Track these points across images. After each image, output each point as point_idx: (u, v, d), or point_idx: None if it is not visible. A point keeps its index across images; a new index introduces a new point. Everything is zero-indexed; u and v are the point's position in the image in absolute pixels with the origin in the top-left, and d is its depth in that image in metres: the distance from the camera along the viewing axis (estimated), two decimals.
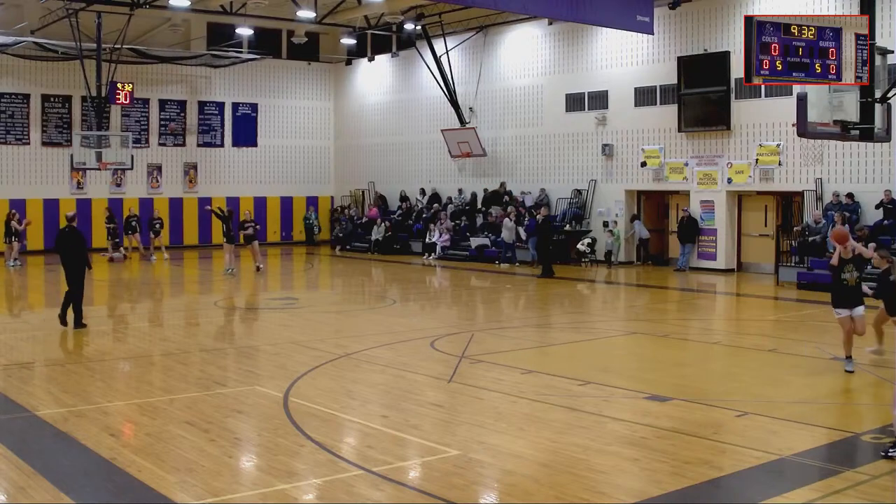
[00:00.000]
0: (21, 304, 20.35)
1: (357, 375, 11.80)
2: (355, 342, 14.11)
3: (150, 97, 33.57)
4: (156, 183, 33.85)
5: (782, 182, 23.43)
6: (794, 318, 17.20)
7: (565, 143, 28.64)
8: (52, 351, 13.96)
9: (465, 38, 31.24)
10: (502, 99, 30.65)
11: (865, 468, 7.67)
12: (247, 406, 10.01)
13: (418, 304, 20.13)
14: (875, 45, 12.12)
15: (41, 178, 31.69)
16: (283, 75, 36.59)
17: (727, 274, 24.30)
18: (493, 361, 12.39)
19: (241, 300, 20.60)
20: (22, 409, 9.79)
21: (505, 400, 10.22)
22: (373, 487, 7.28)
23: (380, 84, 35.68)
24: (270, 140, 36.45)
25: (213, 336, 15.56)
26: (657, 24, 23.28)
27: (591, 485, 7.29)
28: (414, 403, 10.11)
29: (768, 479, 7.57)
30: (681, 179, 25.61)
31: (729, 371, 12.35)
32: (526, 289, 22.09)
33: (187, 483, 7.33)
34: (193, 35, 33.13)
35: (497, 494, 7.35)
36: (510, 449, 8.26)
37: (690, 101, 24.93)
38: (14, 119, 31.30)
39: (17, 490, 7.19)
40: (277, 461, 7.93)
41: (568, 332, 15.99)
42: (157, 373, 12.18)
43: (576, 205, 27.89)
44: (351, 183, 36.94)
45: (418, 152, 33.89)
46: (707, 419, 9.34)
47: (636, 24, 21.32)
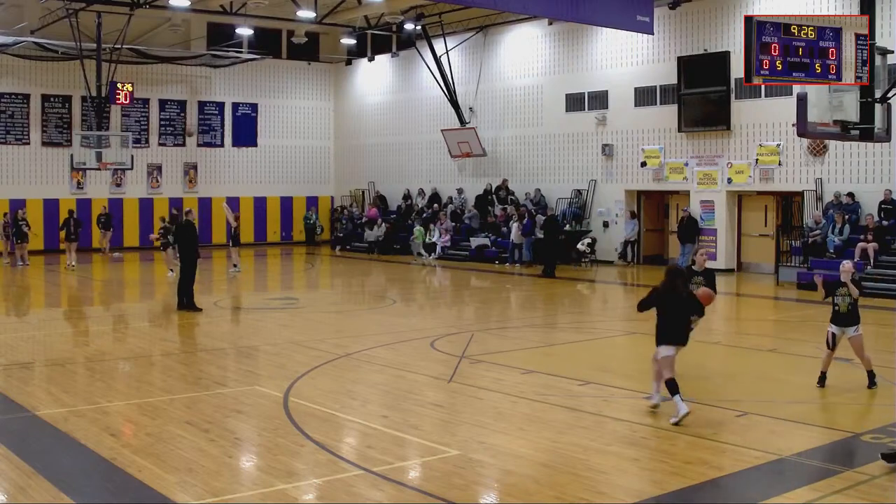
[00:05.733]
0: (21, 303, 20.33)
1: (357, 375, 11.81)
2: (355, 342, 14.11)
3: (150, 97, 33.56)
4: (156, 183, 33.85)
5: (782, 182, 23.43)
6: (794, 318, 17.20)
7: (565, 143, 28.64)
8: (52, 351, 13.96)
9: (465, 38, 31.24)
10: (502, 99, 30.64)
11: (865, 468, 7.67)
12: (247, 406, 10.00)
13: (418, 304, 20.13)
14: (875, 45, 12.11)
15: (41, 178, 31.69)
16: (283, 75, 36.59)
17: (727, 274, 24.28)
18: (493, 361, 12.39)
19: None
20: (22, 409, 9.79)
21: (505, 400, 10.22)
22: (373, 487, 7.28)
23: (380, 84, 35.67)
24: (270, 140, 36.44)
25: (213, 336, 15.55)
26: (657, 24, 23.28)
27: (591, 485, 7.29)
28: (414, 403, 10.11)
29: (768, 479, 7.57)
30: (681, 179, 25.61)
31: (729, 371, 12.35)
32: (526, 289, 22.09)
33: (187, 483, 7.33)
34: (193, 35, 33.12)
35: (497, 494, 7.35)
36: (510, 449, 8.26)
37: (690, 101, 24.93)
38: (14, 119, 31.29)
39: (17, 490, 7.18)
40: (277, 461, 7.93)
41: (568, 332, 16.00)
42: (157, 373, 12.18)
43: (576, 205, 27.89)
44: (351, 183, 36.93)
45: (418, 152, 33.88)
46: (707, 419, 9.34)
47: (636, 24, 21.32)
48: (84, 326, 16.91)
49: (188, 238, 17.57)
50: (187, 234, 17.62)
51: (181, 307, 17.37)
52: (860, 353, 10.56)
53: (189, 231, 17.65)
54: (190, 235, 17.61)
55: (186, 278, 17.39)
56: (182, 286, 17.48)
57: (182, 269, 17.49)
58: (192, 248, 17.45)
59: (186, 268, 17.37)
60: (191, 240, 17.58)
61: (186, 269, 17.37)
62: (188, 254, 17.38)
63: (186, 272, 17.37)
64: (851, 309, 10.47)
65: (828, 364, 10.73)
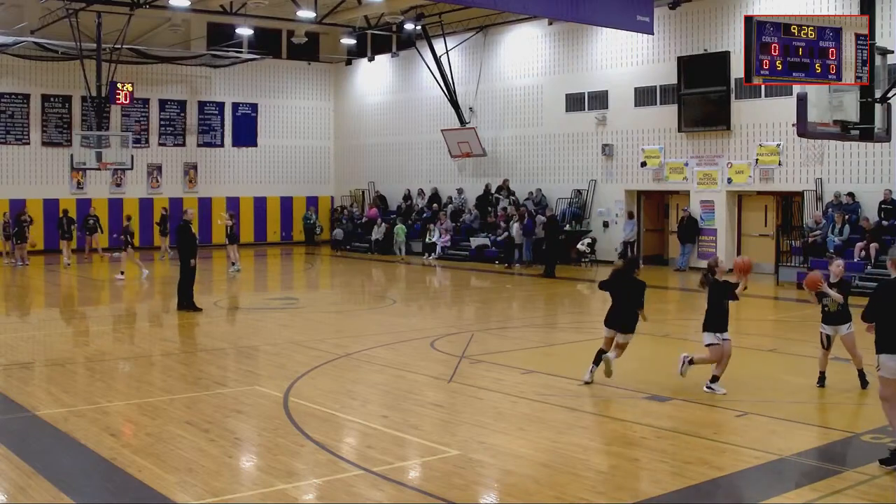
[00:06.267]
0: (21, 303, 20.33)
1: (357, 375, 11.81)
2: (355, 342, 14.11)
3: (150, 97, 33.56)
4: (156, 183, 33.85)
5: (782, 182, 23.43)
6: (794, 318, 17.19)
7: (565, 143, 28.63)
8: (52, 351, 13.96)
9: (465, 38, 31.24)
10: (502, 99, 30.64)
11: (865, 468, 7.67)
12: (247, 406, 10.00)
13: (418, 304, 20.13)
14: (875, 45, 12.13)
15: (41, 178, 31.69)
16: (283, 75, 36.59)
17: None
18: (493, 361, 12.39)
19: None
20: (22, 409, 9.79)
21: (505, 400, 10.22)
22: (373, 487, 7.27)
23: (380, 84, 35.67)
24: (270, 140, 36.45)
25: (213, 336, 15.55)
26: (657, 24, 23.28)
27: (591, 485, 7.29)
28: (414, 403, 10.11)
29: (768, 479, 7.57)
30: (681, 179, 25.60)
31: (729, 371, 12.34)
32: (526, 289, 22.09)
33: (187, 483, 7.33)
34: (193, 35, 33.13)
35: (497, 494, 7.35)
36: (510, 449, 8.26)
37: (690, 101, 24.93)
38: (14, 119, 31.31)
39: (17, 490, 7.18)
40: (277, 461, 7.93)
41: (568, 332, 16.00)
42: (157, 373, 12.18)
43: (576, 205, 27.89)
44: (351, 183, 36.94)
45: (418, 152, 33.88)
46: (707, 419, 9.34)
47: (636, 24, 21.32)
48: (84, 326, 16.91)
49: (187, 238, 17.59)
50: (186, 234, 17.63)
51: (181, 307, 17.39)
52: (852, 351, 10.61)
53: (187, 231, 17.66)
54: (188, 236, 17.64)
55: (186, 278, 17.41)
56: (182, 286, 17.49)
57: (182, 269, 17.50)
58: (190, 248, 17.48)
59: (186, 268, 17.38)
60: (189, 240, 17.60)
61: (186, 269, 17.39)
62: (187, 254, 17.39)
63: (186, 272, 17.39)
64: (841, 308, 10.50)
65: (825, 364, 10.74)
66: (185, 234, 17.63)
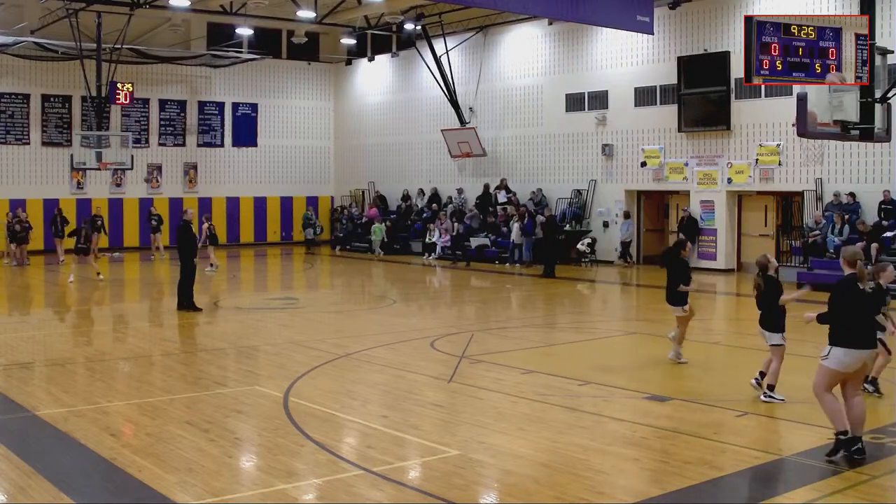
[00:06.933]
0: (21, 303, 20.33)
1: (357, 375, 11.81)
2: (355, 342, 14.11)
3: (150, 97, 33.55)
4: (156, 183, 33.84)
5: (782, 182, 23.43)
6: (794, 318, 17.16)
7: (565, 143, 28.64)
8: (52, 351, 13.96)
9: (465, 38, 31.24)
10: (502, 99, 30.64)
11: (865, 468, 7.67)
12: (247, 406, 10.00)
13: (418, 304, 20.13)
14: (875, 45, 12.13)
15: (41, 178, 31.68)
16: (283, 75, 36.58)
17: (727, 274, 24.29)
18: (493, 361, 12.39)
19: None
20: (22, 409, 9.79)
21: (505, 400, 10.22)
22: (373, 487, 7.28)
23: (380, 84, 35.67)
24: (270, 140, 36.44)
25: (213, 336, 15.56)
26: (657, 24, 23.28)
27: (591, 485, 7.29)
28: (414, 403, 10.11)
29: (768, 479, 7.57)
30: (681, 179, 25.61)
31: (729, 371, 12.35)
32: (526, 289, 22.09)
33: (187, 483, 7.33)
34: (193, 35, 33.12)
35: (497, 494, 7.35)
36: (510, 449, 8.26)
37: (690, 101, 24.93)
38: (14, 119, 31.29)
39: (17, 490, 7.18)
40: (277, 461, 7.93)
41: (568, 332, 16.00)
42: (157, 373, 12.18)
43: (576, 205, 27.89)
44: (351, 183, 36.93)
45: (418, 152, 33.88)
46: (707, 419, 9.34)
47: (636, 24, 21.32)
48: (84, 326, 16.91)
49: (186, 238, 17.60)
50: (185, 234, 17.67)
51: (181, 307, 17.40)
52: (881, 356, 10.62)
53: (187, 231, 17.69)
54: (188, 236, 17.65)
55: (186, 279, 17.42)
56: (182, 286, 17.51)
57: (182, 269, 17.51)
58: (190, 248, 17.50)
59: (186, 268, 17.39)
60: (190, 240, 17.61)
61: (186, 269, 17.40)
62: (187, 254, 17.41)
63: (186, 272, 17.40)
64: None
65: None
66: (186, 234, 17.64)
